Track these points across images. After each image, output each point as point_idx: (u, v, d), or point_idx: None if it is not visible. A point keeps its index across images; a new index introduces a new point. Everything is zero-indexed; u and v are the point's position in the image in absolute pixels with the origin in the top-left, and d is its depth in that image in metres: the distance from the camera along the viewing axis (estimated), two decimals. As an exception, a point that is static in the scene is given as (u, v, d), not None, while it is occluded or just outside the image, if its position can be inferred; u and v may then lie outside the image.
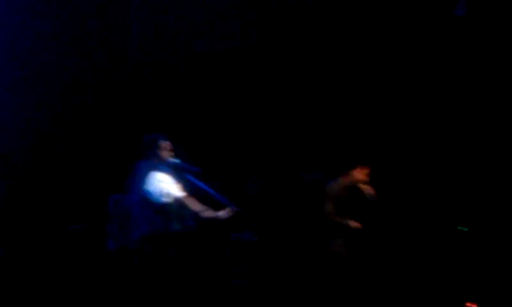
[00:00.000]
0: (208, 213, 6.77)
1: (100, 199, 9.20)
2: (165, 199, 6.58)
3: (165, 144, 6.87)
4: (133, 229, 6.68)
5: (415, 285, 8.86)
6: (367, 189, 7.81)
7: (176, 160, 6.92)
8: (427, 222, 9.32)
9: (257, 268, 8.92)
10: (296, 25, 9.98)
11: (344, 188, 7.84)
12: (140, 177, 6.70)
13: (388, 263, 9.15)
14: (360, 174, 7.86)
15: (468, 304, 8.10)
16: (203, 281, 8.79)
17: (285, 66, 10.01)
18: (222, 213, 6.77)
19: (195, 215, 6.76)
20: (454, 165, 9.40)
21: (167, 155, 6.86)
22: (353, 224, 7.69)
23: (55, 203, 9.71)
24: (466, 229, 8.88)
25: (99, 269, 8.28)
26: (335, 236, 7.71)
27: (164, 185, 6.60)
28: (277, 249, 9.09)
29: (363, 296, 8.09)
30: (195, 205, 6.77)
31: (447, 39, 9.26)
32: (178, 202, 6.66)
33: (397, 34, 9.46)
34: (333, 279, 7.66)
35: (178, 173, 6.85)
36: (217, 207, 7.46)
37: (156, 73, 10.37)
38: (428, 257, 9.08)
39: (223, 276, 8.95)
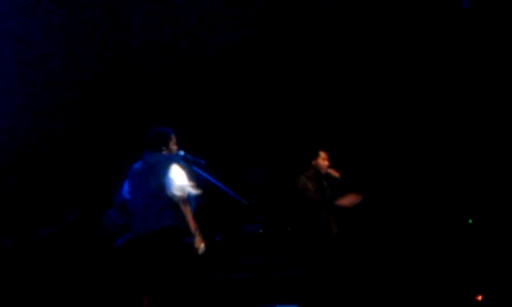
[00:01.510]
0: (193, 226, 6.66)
1: (102, 190, 9.19)
2: (182, 194, 6.56)
3: (174, 137, 6.88)
4: (146, 221, 6.63)
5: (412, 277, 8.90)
6: (334, 173, 7.80)
7: (184, 153, 6.92)
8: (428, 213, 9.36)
9: (263, 260, 8.91)
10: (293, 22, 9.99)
11: (312, 179, 7.82)
12: (157, 169, 6.67)
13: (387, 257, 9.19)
14: (323, 160, 7.84)
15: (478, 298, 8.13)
16: (207, 274, 8.80)
17: (286, 61, 10.02)
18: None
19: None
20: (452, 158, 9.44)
21: (175, 148, 6.87)
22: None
23: (54, 194, 9.71)
24: (470, 221, 8.92)
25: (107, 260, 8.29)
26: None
27: (186, 185, 6.58)
28: (282, 241, 9.09)
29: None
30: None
31: (453, 31, 9.27)
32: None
33: (402, 27, 9.46)
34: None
35: (185, 165, 6.84)
36: (223, 199, 7.52)
37: (158, 66, 10.34)
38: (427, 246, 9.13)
39: (228, 269, 8.95)
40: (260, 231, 8.96)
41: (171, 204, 6.53)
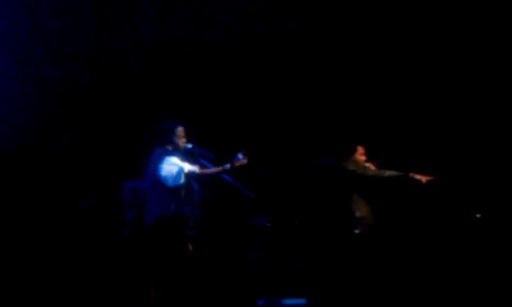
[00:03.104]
0: (216, 169, 6.83)
1: (112, 185, 9.23)
2: (176, 182, 6.63)
3: (180, 131, 6.92)
4: (147, 214, 6.76)
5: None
6: (372, 168, 7.86)
7: (191, 146, 6.95)
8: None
9: (271, 253, 8.94)
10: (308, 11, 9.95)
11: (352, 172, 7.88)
12: (154, 163, 6.77)
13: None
14: (360, 155, 7.92)
15: None
16: (215, 266, 8.83)
17: (298, 54, 10.00)
18: (228, 165, 6.73)
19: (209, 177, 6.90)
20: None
21: (182, 141, 6.91)
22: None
23: (67, 190, 9.75)
24: (479, 216, 8.91)
25: (115, 252, 8.35)
26: (356, 217, 7.73)
27: (175, 167, 6.63)
28: (291, 234, 9.11)
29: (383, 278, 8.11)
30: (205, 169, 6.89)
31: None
32: (189, 182, 6.76)
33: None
34: (356, 259, 7.69)
35: (193, 158, 6.88)
36: (230, 191, 7.56)
37: (166, 55, 10.32)
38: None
39: (237, 261, 8.97)
40: (268, 224, 8.99)
41: (170, 193, 6.65)
